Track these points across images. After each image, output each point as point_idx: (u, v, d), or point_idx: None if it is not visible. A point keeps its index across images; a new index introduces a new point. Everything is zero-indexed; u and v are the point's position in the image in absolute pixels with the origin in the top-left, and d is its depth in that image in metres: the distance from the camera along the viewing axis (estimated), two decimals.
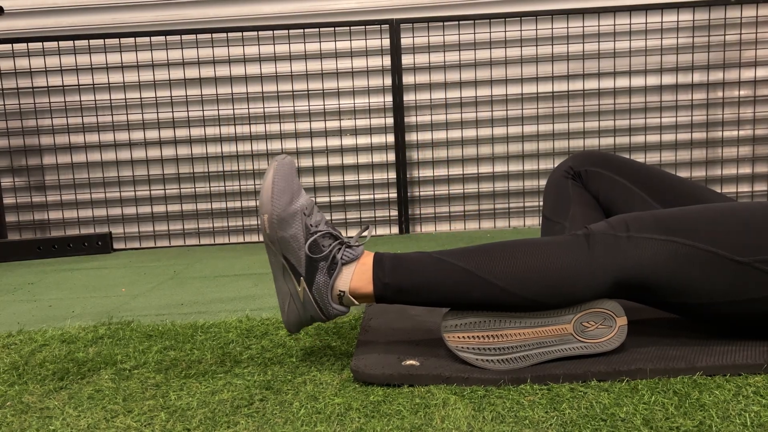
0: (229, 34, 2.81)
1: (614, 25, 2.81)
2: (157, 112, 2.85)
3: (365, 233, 1.03)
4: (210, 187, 2.89)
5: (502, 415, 0.82)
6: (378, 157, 2.88)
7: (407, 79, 2.84)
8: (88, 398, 0.95)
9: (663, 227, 0.93)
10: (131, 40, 2.81)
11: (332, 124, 2.87)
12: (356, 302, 0.97)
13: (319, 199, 2.89)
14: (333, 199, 2.89)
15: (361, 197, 2.89)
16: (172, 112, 2.85)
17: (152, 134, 2.87)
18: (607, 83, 2.84)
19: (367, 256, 0.99)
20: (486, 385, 0.91)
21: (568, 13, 2.74)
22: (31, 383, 1.03)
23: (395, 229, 2.91)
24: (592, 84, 2.84)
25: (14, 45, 2.81)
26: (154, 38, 2.81)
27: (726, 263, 0.91)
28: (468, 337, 0.94)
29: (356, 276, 0.96)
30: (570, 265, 0.92)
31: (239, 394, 0.93)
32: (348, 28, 2.81)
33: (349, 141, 2.88)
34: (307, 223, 0.96)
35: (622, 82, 2.84)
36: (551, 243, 0.95)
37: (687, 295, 0.93)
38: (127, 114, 2.85)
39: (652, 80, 2.84)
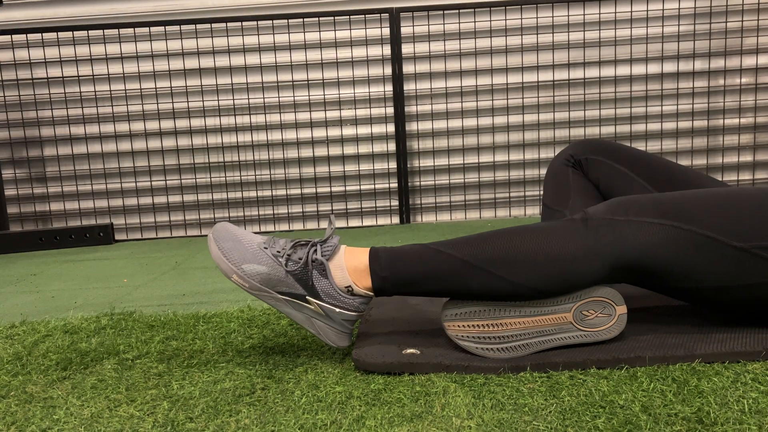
0: (229, 24, 2.80)
1: (615, 12, 2.79)
2: (157, 103, 2.85)
3: (331, 224, 1.02)
4: (211, 177, 2.89)
5: (502, 402, 0.82)
6: (378, 147, 2.88)
7: (407, 68, 2.83)
8: (91, 388, 0.96)
9: (661, 211, 0.93)
10: (130, 30, 2.81)
11: (332, 114, 2.86)
12: (369, 293, 0.96)
13: (319, 189, 2.90)
14: (334, 189, 2.89)
15: (362, 187, 2.89)
16: (172, 102, 2.84)
17: (152, 125, 2.87)
18: (608, 71, 2.83)
19: (355, 250, 0.98)
20: (486, 373, 0.91)
21: (569, 1, 2.73)
22: (34, 373, 1.03)
23: (396, 219, 2.91)
24: (593, 72, 2.83)
25: (13, 36, 2.80)
26: (153, 29, 2.80)
27: (724, 248, 0.91)
28: (468, 326, 0.95)
29: (353, 272, 0.96)
30: (567, 250, 0.92)
31: (241, 383, 0.94)
32: (348, 17, 2.80)
33: (349, 131, 2.87)
34: (272, 252, 0.96)
35: (623, 71, 2.83)
36: (548, 229, 0.95)
37: (684, 279, 0.93)
38: (127, 105, 2.85)
39: (653, 68, 2.83)
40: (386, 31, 2.80)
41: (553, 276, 0.92)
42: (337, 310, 0.96)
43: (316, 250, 0.96)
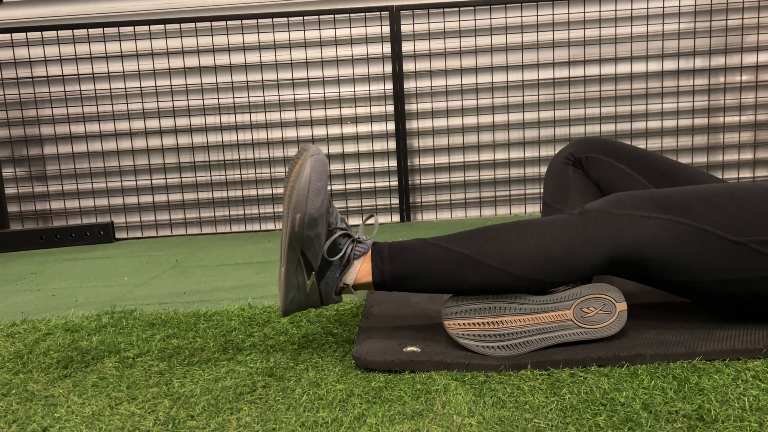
0: (228, 23, 2.80)
1: (615, 10, 2.79)
2: (157, 101, 2.85)
3: (371, 221, 1.03)
4: (211, 176, 2.89)
5: (503, 400, 0.82)
6: (379, 145, 2.88)
7: (407, 66, 2.83)
8: (93, 386, 0.96)
9: (660, 206, 0.93)
10: (130, 29, 2.80)
11: (332, 112, 2.86)
12: (354, 293, 0.99)
13: None
14: (334, 187, 2.89)
15: (362, 185, 2.89)
16: (172, 101, 2.84)
17: (153, 123, 2.87)
18: (608, 69, 2.83)
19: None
20: (487, 371, 0.91)
21: None
22: (35, 372, 1.04)
23: (396, 218, 2.91)
24: (593, 70, 2.82)
25: (13, 35, 2.80)
26: (153, 27, 2.80)
27: (722, 243, 0.92)
28: (468, 324, 0.95)
29: (358, 266, 0.97)
30: (566, 242, 0.92)
31: (242, 381, 0.94)
32: (348, 15, 2.79)
33: (349, 129, 2.87)
34: (329, 221, 0.95)
35: (624, 68, 2.83)
36: (547, 222, 0.95)
37: (682, 273, 0.94)
38: (127, 103, 2.85)
39: (654, 66, 2.82)
40: (386, 29, 2.80)
41: (550, 268, 0.92)
42: (318, 298, 0.98)
43: (352, 248, 0.97)
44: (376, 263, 0.96)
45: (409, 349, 0.97)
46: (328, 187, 0.99)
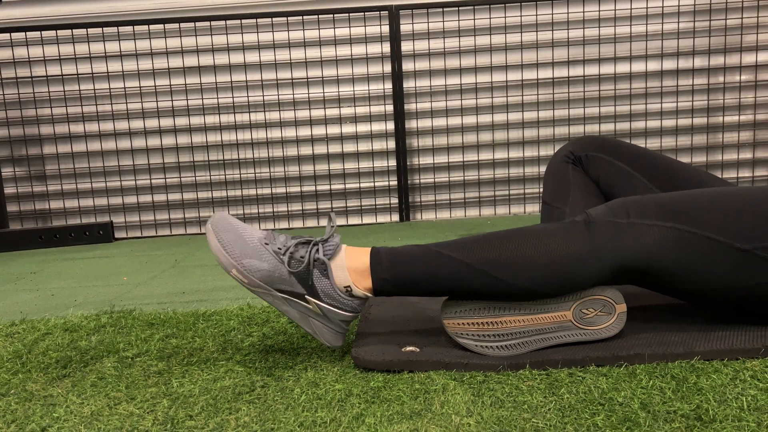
0: (228, 22, 2.80)
1: (615, 9, 2.79)
2: (157, 101, 2.85)
3: (331, 223, 1.01)
4: (210, 175, 2.89)
5: (501, 400, 0.82)
6: (378, 145, 2.88)
7: (407, 65, 2.83)
8: (91, 386, 0.96)
9: (664, 213, 0.93)
10: (129, 28, 2.80)
11: (332, 112, 2.86)
12: (363, 293, 0.96)
13: (319, 187, 2.90)
14: (333, 187, 2.89)
15: (362, 185, 2.89)
16: (172, 100, 2.84)
17: (152, 123, 2.87)
18: (607, 68, 2.83)
19: (356, 250, 0.98)
20: (485, 371, 0.91)
21: None
22: (34, 371, 1.04)
23: (396, 217, 2.91)
24: (592, 69, 2.83)
25: (12, 34, 2.80)
26: (152, 26, 2.80)
27: (726, 250, 0.91)
28: (467, 323, 0.95)
29: (354, 272, 0.95)
30: (569, 253, 0.91)
31: (241, 380, 0.94)
32: (347, 14, 2.79)
33: (348, 128, 2.87)
34: (273, 249, 0.95)
35: (623, 68, 2.83)
36: (550, 231, 0.94)
37: (687, 280, 0.93)
38: (126, 103, 2.85)
39: (653, 65, 2.83)
40: (386, 29, 2.80)
41: (554, 279, 0.91)
42: (335, 310, 0.95)
43: (318, 250, 0.95)
44: (375, 270, 0.95)
45: (408, 349, 0.97)
46: (250, 228, 0.98)
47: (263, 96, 2.85)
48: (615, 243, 0.92)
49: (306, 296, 0.95)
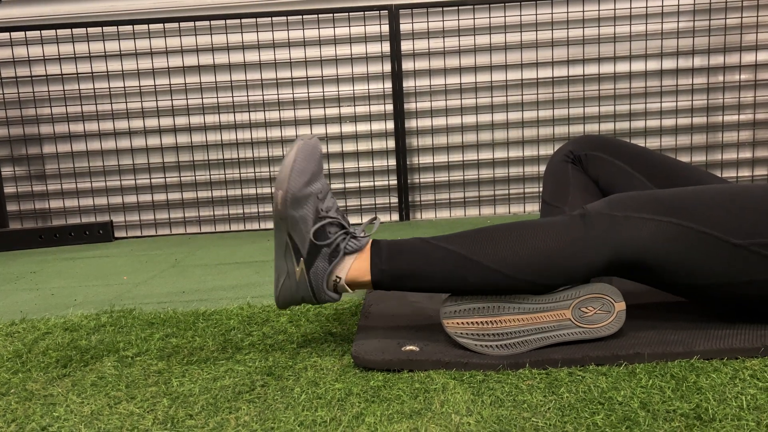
0: (228, 21, 2.80)
1: (614, 9, 2.79)
2: (156, 100, 2.85)
3: (372, 223, 1.02)
4: (210, 174, 2.89)
5: (501, 399, 0.82)
6: (378, 144, 2.88)
7: (406, 65, 2.83)
8: (92, 385, 0.96)
9: (660, 208, 0.93)
10: (129, 27, 2.80)
11: (332, 111, 2.86)
12: (350, 290, 0.98)
13: None
14: (333, 186, 2.89)
15: (361, 184, 2.89)
16: (171, 100, 2.84)
17: (152, 122, 2.87)
18: (607, 68, 2.83)
19: (364, 254, 0.99)
20: (485, 370, 0.92)
21: None
22: (34, 371, 1.04)
23: (395, 216, 2.91)
24: (592, 69, 2.83)
25: (12, 33, 2.80)
26: (152, 26, 2.80)
27: (722, 245, 0.91)
28: (467, 323, 0.95)
29: (355, 263, 0.97)
30: (566, 245, 0.92)
31: (241, 380, 0.94)
32: (347, 14, 2.79)
33: (348, 128, 2.87)
34: (319, 207, 0.95)
35: (623, 67, 2.83)
36: (546, 224, 0.95)
37: (683, 275, 0.93)
38: (126, 102, 2.85)
39: (653, 65, 2.83)
40: (385, 28, 2.80)
41: (550, 270, 0.92)
42: (308, 288, 0.97)
43: (344, 239, 0.97)
44: (375, 262, 0.96)
45: (408, 348, 0.97)
46: (323, 174, 0.98)
47: (263, 95, 2.85)
48: (610, 235, 0.92)
49: (302, 259, 0.96)
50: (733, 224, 0.91)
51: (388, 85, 2.84)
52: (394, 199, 2.91)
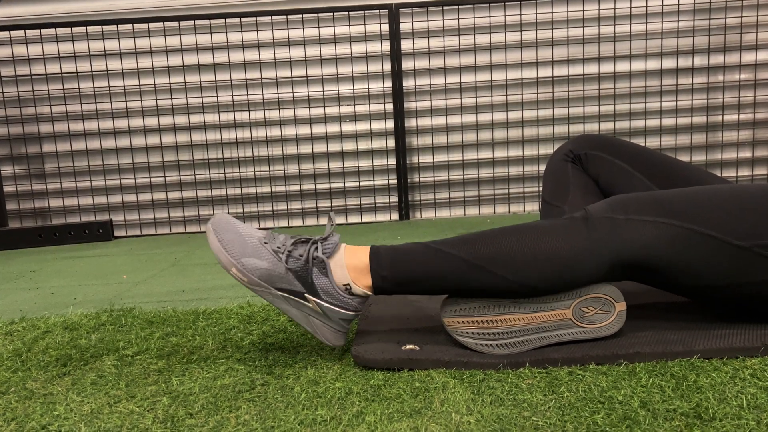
0: (228, 21, 2.80)
1: (614, 8, 2.79)
2: (156, 99, 2.85)
3: (331, 222, 1.01)
4: (210, 173, 2.89)
5: (501, 398, 0.82)
6: (378, 144, 2.88)
7: (406, 64, 2.83)
8: (91, 384, 0.96)
9: (662, 209, 0.93)
10: (129, 26, 2.80)
11: (331, 110, 2.86)
12: (367, 291, 0.96)
13: (318, 186, 2.90)
14: (333, 185, 2.89)
15: (361, 183, 2.89)
16: (171, 99, 2.84)
17: (151, 121, 2.87)
18: (607, 67, 2.83)
19: (356, 248, 0.98)
20: (485, 369, 0.92)
21: None
22: (34, 369, 1.04)
23: (395, 215, 2.91)
24: (592, 68, 2.83)
25: (11, 32, 2.80)
26: (151, 24, 2.80)
27: (725, 247, 0.91)
28: (467, 321, 0.95)
29: (353, 270, 0.95)
30: (567, 249, 0.92)
31: (241, 379, 0.94)
32: (347, 13, 2.79)
33: (348, 127, 2.87)
34: (272, 248, 0.95)
35: (623, 67, 2.83)
36: (548, 227, 0.94)
37: (685, 277, 0.93)
38: (125, 101, 2.85)
39: (653, 64, 2.83)
40: (385, 27, 2.80)
41: (553, 275, 0.92)
42: (335, 309, 0.95)
43: (317, 248, 0.95)
44: (375, 269, 0.95)
45: (408, 347, 0.97)
46: (249, 226, 0.99)
47: (263, 94, 2.85)
48: (612, 238, 0.92)
49: (305, 294, 0.95)
50: (733, 225, 0.91)
51: (388, 84, 2.84)
52: (394, 199, 2.90)
